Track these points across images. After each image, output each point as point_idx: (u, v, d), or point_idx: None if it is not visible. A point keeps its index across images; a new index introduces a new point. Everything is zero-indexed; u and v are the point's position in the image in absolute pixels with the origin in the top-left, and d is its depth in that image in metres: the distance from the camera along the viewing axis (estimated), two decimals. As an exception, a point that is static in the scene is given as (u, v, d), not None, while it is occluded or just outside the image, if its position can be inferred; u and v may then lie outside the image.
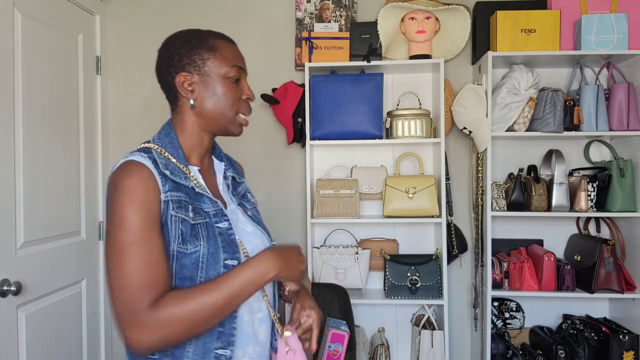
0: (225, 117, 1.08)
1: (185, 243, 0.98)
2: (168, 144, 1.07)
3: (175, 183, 1.01)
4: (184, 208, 0.99)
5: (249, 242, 1.09)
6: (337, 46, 2.34)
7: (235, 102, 1.09)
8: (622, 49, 2.14)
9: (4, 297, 1.73)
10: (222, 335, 1.00)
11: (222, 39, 1.11)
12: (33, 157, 1.92)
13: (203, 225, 1.01)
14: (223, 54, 1.08)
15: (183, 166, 1.05)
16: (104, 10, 2.49)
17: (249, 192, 1.25)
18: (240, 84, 1.11)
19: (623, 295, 2.15)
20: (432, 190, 2.25)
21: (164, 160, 1.02)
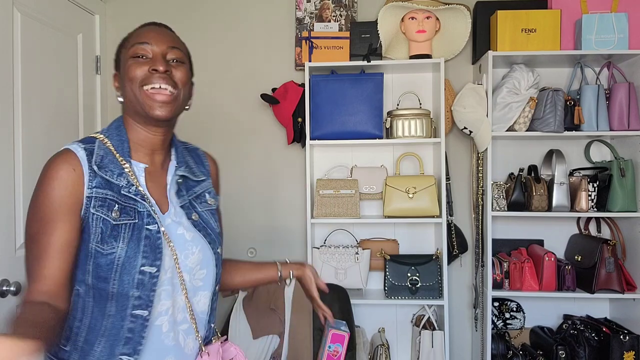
0: (135, 98, 1.01)
1: (103, 243, 0.95)
2: (115, 136, 1.04)
3: (105, 180, 0.97)
4: (108, 207, 0.96)
5: (185, 249, 1.03)
6: (337, 46, 2.34)
7: (139, 75, 1.00)
8: (623, 49, 2.14)
9: (4, 297, 1.72)
10: (129, 342, 0.97)
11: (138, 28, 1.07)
12: (33, 157, 1.91)
13: (128, 226, 0.97)
14: (129, 39, 1.05)
15: (123, 161, 1.01)
16: (104, 10, 2.49)
17: (209, 192, 1.16)
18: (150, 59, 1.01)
19: (623, 295, 2.14)
20: (432, 190, 2.25)
21: (102, 153, 0.99)
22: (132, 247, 0.95)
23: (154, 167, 1.07)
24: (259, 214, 2.52)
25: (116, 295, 0.95)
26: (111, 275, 0.95)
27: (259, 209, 2.52)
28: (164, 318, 1.00)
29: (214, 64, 2.51)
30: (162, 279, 0.99)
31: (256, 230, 2.51)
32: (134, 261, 0.95)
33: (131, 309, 0.96)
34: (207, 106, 2.52)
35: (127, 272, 0.95)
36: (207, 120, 2.51)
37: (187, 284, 1.03)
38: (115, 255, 0.95)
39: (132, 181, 1.00)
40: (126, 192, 0.99)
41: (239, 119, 2.50)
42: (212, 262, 1.08)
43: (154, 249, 0.97)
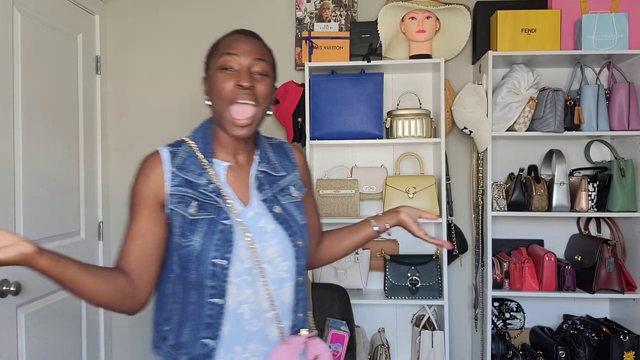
0: (220, 115, 1.08)
1: (182, 236, 1.05)
2: (200, 138, 1.13)
3: (186, 179, 1.07)
4: (185, 203, 1.05)
5: (263, 240, 1.08)
6: (337, 46, 2.34)
7: (226, 90, 1.06)
8: (623, 49, 2.14)
9: (4, 297, 1.72)
10: (209, 327, 1.05)
11: (229, 35, 1.12)
12: (33, 157, 1.92)
13: (205, 221, 1.05)
14: (218, 47, 1.10)
15: (206, 161, 1.10)
16: (104, 10, 2.49)
17: (294, 185, 1.20)
18: (237, 72, 1.07)
19: (623, 295, 2.14)
20: (432, 190, 2.25)
21: (186, 155, 1.10)
22: (206, 241, 1.03)
23: (238, 164, 1.14)
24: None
25: (195, 284, 1.05)
26: (190, 266, 1.04)
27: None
28: (245, 306, 1.06)
29: (214, 64, 2.51)
30: (239, 270, 1.05)
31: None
32: (207, 253, 1.03)
33: (208, 297, 1.04)
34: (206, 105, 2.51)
35: (202, 263, 1.03)
36: (207, 120, 2.51)
37: (270, 275, 1.08)
38: (192, 248, 1.04)
39: (211, 179, 1.08)
40: (204, 190, 1.07)
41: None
42: (291, 254, 1.11)
43: (226, 242, 1.04)
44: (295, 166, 1.23)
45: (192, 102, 2.53)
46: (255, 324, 1.07)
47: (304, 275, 1.17)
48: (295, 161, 1.24)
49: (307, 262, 1.18)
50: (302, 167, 1.26)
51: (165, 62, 2.54)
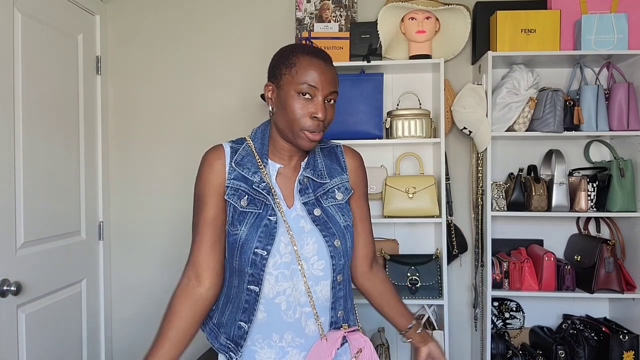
0: (290, 131, 1.15)
1: (232, 225, 1.16)
2: (259, 139, 1.23)
3: (242, 175, 1.18)
4: (238, 196, 1.16)
5: (301, 239, 1.17)
6: (337, 46, 2.34)
7: (300, 118, 1.13)
8: (622, 49, 2.14)
9: (4, 297, 1.73)
10: (245, 311, 1.17)
11: (307, 54, 1.15)
12: (33, 157, 1.92)
13: (253, 214, 1.16)
14: (298, 70, 1.13)
15: (261, 161, 1.19)
16: (104, 10, 2.49)
17: (339, 188, 1.26)
18: (313, 102, 1.13)
19: (623, 295, 2.14)
20: (432, 190, 2.25)
21: (244, 153, 1.21)
22: (252, 232, 1.14)
23: (288, 168, 1.23)
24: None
25: (237, 270, 1.17)
26: (235, 253, 1.16)
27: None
28: (282, 298, 1.16)
29: (214, 63, 2.51)
30: (277, 263, 1.15)
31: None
32: (250, 243, 1.14)
33: (247, 283, 1.16)
34: (207, 106, 2.52)
35: (245, 251, 1.14)
36: (207, 120, 2.52)
37: (307, 272, 1.16)
38: (238, 236, 1.15)
39: (264, 179, 1.18)
40: (257, 187, 1.17)
41: (239, 119, 2.50)
42: (327, 254, 1.18)
43: (269, 236, 1.14)
44: (345, 170, 1.29)
45: (193, 102, 2.53)
46: (292, 315, 1.16)
47: (343, 274, 1.22)
48: (345, 165, 1.30)
49: (349, 261, 1.25)
50: (353, 171, 1.32)
51: (166, 62, 2.54)
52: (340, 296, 1.22)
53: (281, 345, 1.17)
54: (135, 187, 2.53)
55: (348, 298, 1.26)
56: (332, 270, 1.19)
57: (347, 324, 1.23)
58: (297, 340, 1.17)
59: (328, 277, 1.19)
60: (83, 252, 2.27)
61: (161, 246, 2.53)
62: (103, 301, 2.43)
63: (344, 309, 1.23)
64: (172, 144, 2.52)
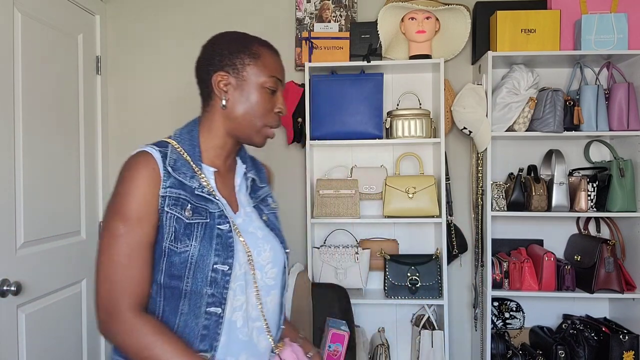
0: (252, 126, 1.07)
1: (177, 241, 0.97)
2: (187, 141, 1.08)
3: (179, 181, 1.00)
4: (181, 206, 0.99)
5: (256, 246, 1.06)
6: (337, 46, 2.34)
7: (266, 112, 1.07)
8: (622, 49, 2.14)
9: (4, 297, 1.73)
10: (205, 338, 0.99)
11: (266, 46, 1.10)
12: (33, 157, 1.92)
13: (201, 225, 0.99)
14: (264, 62, 1.07)
15: (195, 165, 1.04)
16: (104, 10, 2.49)
17: (270, 197, 1.22)
18: (275, 96, 1.09)
19: (623, 295, 2.14)
20: (432, 190, 2.25)
21: (175, 156, 1.03)
22: (205, 246, 0.98)
23: (224, 171, 1.11)
24: (259, 214, 2.52)
25: (189, 293, 0.98)
26: (185, 273, 0.97)
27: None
28: (239, 313, 1.02)
29: (214, 64, 2.51)
30: (237, 274, 1.01)
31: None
32: (207, 259, 0.97)
33: (205, 306, 0.98)
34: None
35: (201, 270, 0.97)
36: (207, 121, 2.52)
37: (259, 282, 1.05)
38: (189, 253, 0.97)
39: (203, 184, 1.03)
40: (199, 192, 1.01)
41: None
42: (282, 261, 1.10)
43: (226, 247, 1.00)
44: (266, 180, 1.25)
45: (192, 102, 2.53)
46: (246, 333, 1.03)
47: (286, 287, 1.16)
48: (265, 175, 1.25)
49: None
50: (270, 182, 1.27)
51: (166, 62, 2.54)
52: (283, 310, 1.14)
53: None
54: (135, 187, 2.53)
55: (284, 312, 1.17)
56: (282, 280, 1.11)
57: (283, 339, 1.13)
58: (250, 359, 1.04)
59: (278, 285, 1.10)
60: (83, 252, 2.27)
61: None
62: (103, 301, 2.43)
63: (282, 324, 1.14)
64: (172, 144, 2.52)
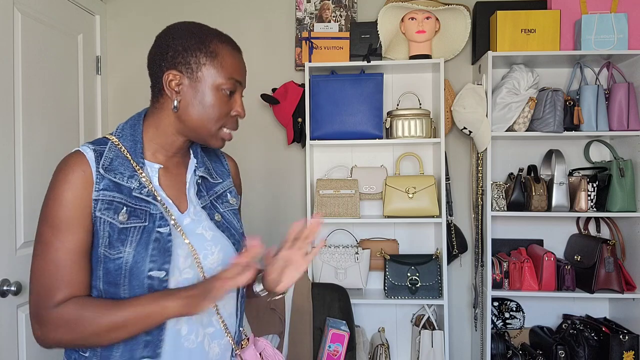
0: (206, 129, 1.00)
1: (111, 247, 0.92)
2: (129, 137, 1.01)
3: (114, 182, 0.95)
4: (114, 210, 0.93)
5: (204, 248, 1.00)
6: (337, 46, 2.34)
7: (222, 116, 1.00)
8: (622, 49, 2.14)
9: (4, 297, 1.73)
10: (148, 344, 0.95)
11: (226, 44, 1.02)
12: (33, 157, 1.92)
13: (137, 229, 0.94)
14: (222, 62, 0.99)
15: (135, 163, 0.98)
16: (104, 10, 2.49)
17: (230, 192, 1.14)
18: (233, 99, 1.01)
19: (623, 295, 2.14)
20: (432, 190, 2.25)
21: (112, 155, 0.97)
22: (140, 252, 0.92)
23: (171, 167, 1.05)
24: (259, 214, 2.52)
25: None
26: (120, 281, 0.93)
27: (259, 209, 2.52)
28: (182, 322, 0.97)
29: (214, 64, 2.51)
30: (178, 281, 0.96)
31: (256, 230, 2.51)
32: (141, 266, 0.92)
33: None
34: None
35: (136, 277, 0.92)
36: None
37: None
38: (123, 260, 0.92)
39: (144, 183, 0.97)
40: (137, 193, 0.96)
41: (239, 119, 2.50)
42: None
43: (163, 253, 0.94)
44: (229, 173, 1.17)
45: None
46: (194, 340, 0.99)
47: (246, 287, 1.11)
48: (228, 167, 1.18)
49: None
50: (234, 176, 1.20)
51: (166, 62, 2.54)
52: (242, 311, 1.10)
53: None
54: (135, 187, 2.53)
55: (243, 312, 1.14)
56: None
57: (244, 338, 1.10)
58: None
59: (234, 290, 1.04)
60: (83, 252, 2.27)
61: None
62: (103, 301, 2.43)
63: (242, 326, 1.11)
64: (172, 144, 2.52)
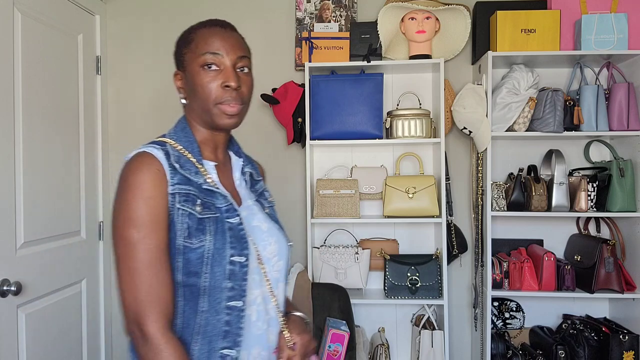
0: (206, 109, 1.02)
1: (191, 237, 0.95)
2: (183, 138, 1.05)
3: (185, 177, 0.99)
4: (191, 201, 0.97)
5: (262, 240, 1.06)
6: (337, 46, 2.34)
7: (213, 92, 1.01)
8: (622, 49, 2.14)
9: (4, 297, 1.73)
10: (228, 335, 0.96)
11: (202, 26, 1.05)
12: (33, 157, 1.92)
13: (212, 219, 0.97)
14: (197, 43, 1.03)
15: (196, 161, 1.02)
16: (104, 10, 2.49)
17: (267, 191, 1.21)
18: (221, 71, 1.02)
19: (623, 295, 2.14)
20: (432, 190, 2.25)
21: (176, 154, 1.01)
22: (219, 239, 0.96)
23: (220, 164, 1.10)
24: (259, 214, 2.52)
25: (208, 289, 0.95)
26: (202, 269, 0.95)
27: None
28: (253, 307, 1.01)
29: (214, 64, 2.51)
30: (252, 267, 1.00)
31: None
32: (222, 252, 0.96)
33: (226, 300, 0.96)
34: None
35: (218, 263, 0.95)
36: (207, 121, 2.52)
37: (269, 275, 1.05)
38: (205, 248, 0.95)
39: (207, 179, 1.02)
40: (207, 186, 1.00)
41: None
42: (286, 253, 1.10)
43: (240, 239, 0.99)
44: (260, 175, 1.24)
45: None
46: (260, 326, 1.02)
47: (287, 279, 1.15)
48: (259, 171, 1.24)
49: None
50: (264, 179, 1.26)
51: (166, 62, 2.54)
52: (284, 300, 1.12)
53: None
54: (135, 187, 2.53)
55: None
56: (286, 272, 1.11)
57: None
58: (261, 353, 1.02)
59: (283, 278, 1.10)
60: (83, 252, 2.27)
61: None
62: (103, 301, 2.43)
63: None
64: (172, 144, 2.52)
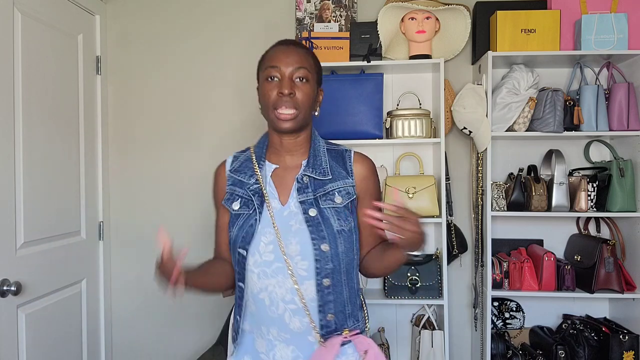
0: (267, 115, 1.24)
1: (230, 226, 1.27)
2: (261, 143, 1.33)
3: (238, 180, 1.28)
4: (232, 200, 1.27)
5: (286, 239, 1.20)
6: (337, 46, 2.34)
7: (271, 100, 1.20)
8: (622, 49, 2.14)
9: (4, 297, 1.73)
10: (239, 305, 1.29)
11: (272, 47, 1.28)
12: (33, 157, 1.92)
13: (242, 216, 1.24)
14: (264, 60, 1.26)
15: (256, 164, 1.28)
16: (104, 10, 2.49)
17: (339, 192, 1.24)
18: (279, 83, 1.20)
19: (623, 295, 2.14)
20: (432, 190, 2.25)
21: (244, 159, 1.31)
22: (238, 233, 1.23)
23: (286, 166, 1.29)
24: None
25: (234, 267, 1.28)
26: (231, 251, 1.28)
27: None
28: (265, 294, 1.21)
29: (214, 64, 2.51)
30: (258, 262, 1.21)
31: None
32: (236, 243, 1.24)
33: (237, 280, 1.27)
34: (207, 106, 2.52)
35: (234, 251, 1.25)
36: (207, 120, 2.52)
37: (294, 270, 1.19)
38: (232, 237, 1.25)
39: (258, 181, 1.26)
40: (250, 188, 1.26)
41: (239, 119, 2.50)
42: (311, 256, 1.19)
43: (249, 235, 1.22)
44: (350, 175, 1.28)
45: (193, 102, 2.53)
46: (275, 311, 1.21)
47: (332, 279, 1.21)
48: (351, 170, 1.29)
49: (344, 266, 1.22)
50: (361, 178, 1.29)
51: (166, 62, 2.54)
52: (330, 300, 1.21)
53: (269, 338, 1.24)
54: (135, 187, 2.53)
55: (347, 303, 1.24)
56: (316, 273, 1.19)
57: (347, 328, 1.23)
58: (282, 335, 1.22)
59: (312, 278, 1.20)
60: (83, 252, 2.27)
61: (161, 246, 2.52)
62: (103, 301, 2.43)
63: (335, 313, 1.21)
64: (171, 144, 2.52)
